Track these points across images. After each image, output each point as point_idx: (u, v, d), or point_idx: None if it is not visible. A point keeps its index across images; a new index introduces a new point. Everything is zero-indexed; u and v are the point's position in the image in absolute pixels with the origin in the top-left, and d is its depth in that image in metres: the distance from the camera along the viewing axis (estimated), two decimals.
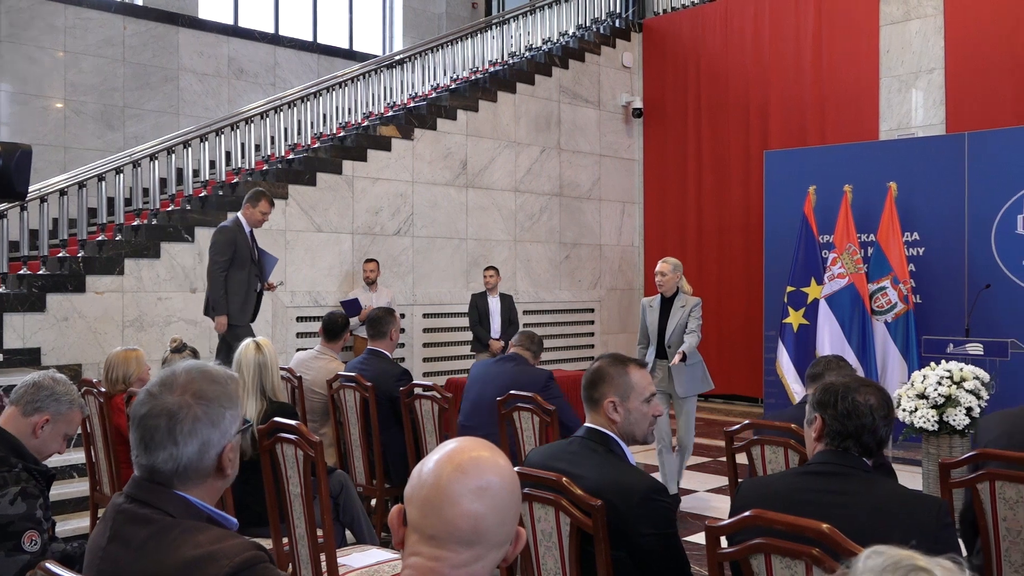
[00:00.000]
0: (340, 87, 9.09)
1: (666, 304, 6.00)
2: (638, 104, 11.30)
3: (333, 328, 5.61)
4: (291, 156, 8.58)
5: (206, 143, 8.06)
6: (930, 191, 7.69)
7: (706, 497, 6.28)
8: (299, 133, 8.79)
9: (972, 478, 2.74)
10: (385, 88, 9.55)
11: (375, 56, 11.37)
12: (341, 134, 9.01)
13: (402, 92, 9.67)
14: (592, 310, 10.94)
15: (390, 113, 9.46)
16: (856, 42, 9.52)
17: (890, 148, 8.31)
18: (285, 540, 3.37)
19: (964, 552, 2.87)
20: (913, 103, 9.21)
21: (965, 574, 0.81)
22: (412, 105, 9.58)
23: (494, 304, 8.61)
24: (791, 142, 9.69)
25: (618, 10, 11.51)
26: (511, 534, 1.36)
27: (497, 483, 1.33)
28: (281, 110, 8.56)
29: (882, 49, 9.38)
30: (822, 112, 9.75)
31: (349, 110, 9.18)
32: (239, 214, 6.34)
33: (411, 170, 9.22)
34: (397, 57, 9.81)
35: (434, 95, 9.79)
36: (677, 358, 5.73)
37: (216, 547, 1.54)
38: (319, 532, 3.24)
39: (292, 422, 3.25)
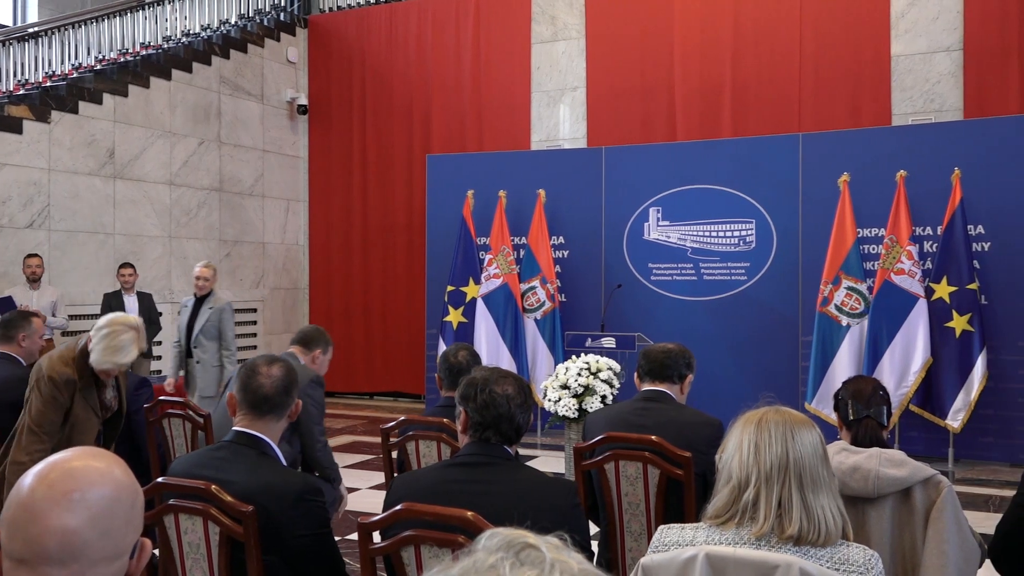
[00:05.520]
0: None
1: (197, 304, 6.72)
2: (303, 101, 11.13)
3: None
4: None
5: None
6: (574, 199, 8.41)
7: (368, 494, 6.35)
8: None
9: (600, 459, 3.04)
10: (16, 63, 8.52)
11: (5, 27, 10.12)
12: None
13: (37, 69, 8.69)
14: (255, 310, 10.60)
15: (21, 91, 8.45)
16: (510, 57, 10.14)
17: (539, 158, 8.96)
18: None
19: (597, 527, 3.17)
20: (560, 117, 10.00)
21: (568, 549, 0.90)
22: (49, 84, 8.65)
23: (131, 303, 7.98)
24: (452, 147, 10.10)
25: (283, 3, 11.26)
26: (124, 546, 1.26)
27: (97, 493, 1.23)
28: None
29: (533, 65, 10.08)
30: (480, 120, 10.27)
31: None
32: None
33: (47, 156, 8.32)
34: (32, 29, 8.80)
35: (76, 75, 8.90)
36: None
37: None
38: None
39: None
